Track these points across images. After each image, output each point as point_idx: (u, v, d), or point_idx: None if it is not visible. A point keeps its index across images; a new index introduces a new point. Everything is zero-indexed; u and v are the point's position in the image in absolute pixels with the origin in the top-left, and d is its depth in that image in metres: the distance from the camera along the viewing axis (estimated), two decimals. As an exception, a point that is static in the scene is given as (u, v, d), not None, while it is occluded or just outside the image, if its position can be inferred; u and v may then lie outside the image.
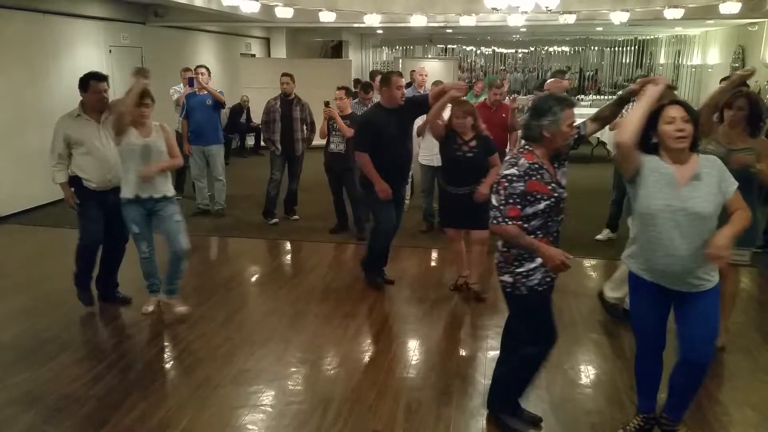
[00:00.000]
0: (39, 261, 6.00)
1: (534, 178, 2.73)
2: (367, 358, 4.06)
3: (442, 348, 4.26)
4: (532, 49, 21.36)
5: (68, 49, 8.46)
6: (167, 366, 3.96)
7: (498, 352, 3.35)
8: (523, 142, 2.90)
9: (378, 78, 7.61)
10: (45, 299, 4.92)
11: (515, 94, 6.90)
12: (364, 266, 5.30)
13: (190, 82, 7.30)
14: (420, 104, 4.95)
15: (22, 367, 3.83)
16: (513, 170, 2.73)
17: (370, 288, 5.16)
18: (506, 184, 2.72)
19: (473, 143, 4.68)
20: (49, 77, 8.07)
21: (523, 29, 14.73)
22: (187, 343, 4.21)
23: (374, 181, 4.83)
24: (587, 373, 3.84)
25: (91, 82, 4.47)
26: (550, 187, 2.77)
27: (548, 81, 6.07)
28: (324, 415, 3.32)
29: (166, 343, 4.27)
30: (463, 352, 4.17)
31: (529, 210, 2.75)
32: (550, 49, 21.35)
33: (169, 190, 4.47)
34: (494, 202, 2.76)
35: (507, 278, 2.91)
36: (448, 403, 3.47)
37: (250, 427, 3.25)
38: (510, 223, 2.71)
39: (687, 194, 2.64)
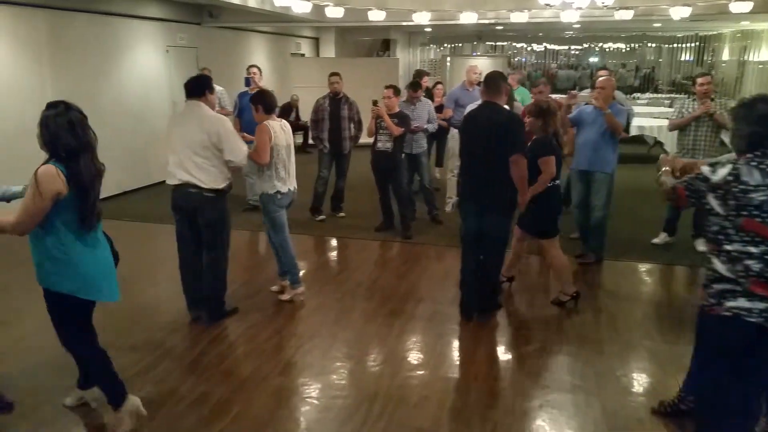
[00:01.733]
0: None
1: None
2: (411, 357, 4.08)
3: (488, 349, 4.24)
4: (586, 45, 20.92)
5: (128, 49, 8.77)
6: (218, 356, 4.08)
7: (546, 356, 3.30)
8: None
9: (426, 78, 7.62)
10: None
11: (574, 90, 6.59)
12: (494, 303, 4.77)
13: (246, 82, 7.47)
14: None
15: (83, 353, 4.01)
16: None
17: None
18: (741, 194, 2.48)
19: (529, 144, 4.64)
20: (110, 77, 8.39)
21: (577, 25, 14.45)
22: (238, 335, 4.33)
23: (525, 192, 4.35)
24: (640, 381, 3.76)
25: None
26: None
27: (601, 79, 5.92)
28: (369, 411, 3.36)
29: (217, 334, 4.39)
30: (509, 355, 4.14)
31: None
32: (605, 46, 20.85)
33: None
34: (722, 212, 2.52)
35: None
36: (494, 405, 3.46)
37: (297, 418, 3.33)
38: None
39: None
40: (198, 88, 4.34)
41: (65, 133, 2.95)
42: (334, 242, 6.76)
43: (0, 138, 6.77)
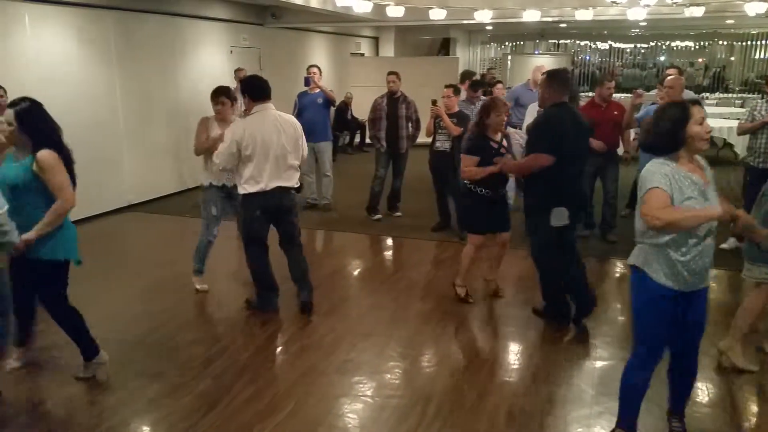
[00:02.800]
0: (162, 247, 6.47)
1: None
2: (467, 359, 4.03)
3: (546, 353, 4.14)
4: (652, 44, 20.20)
5: (193, 49, 9.04)
6: (275, 352, 4.15)
7: (608, 362, 3.21)
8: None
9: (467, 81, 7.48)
10: (165, 283, 5.31)
11: (640, 89, 6.32)
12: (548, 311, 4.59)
13: (306, 82, 7.57)
14: None
15: (145, 344, 4.16)
16: None
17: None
18: None
19: (505, 142, 4.63)
20: (177, 76, 8.66)
21: (644, 23, 13.96)
22: (294, 331, 4.38)
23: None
24: (706, 391, 3.59)
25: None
26: None
27: (669, 78, 5.70)
28: (424, 412, 3.34)
29: (274, 330, 4.46)
30: (569, 360, 4.04)
31: None
32: (672, 44, 20.09)
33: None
34: None
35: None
36: (552, 411, 3.38)
37: (351, 416, 3.34)
38: None
39: (711, 197, 2.65)
40: (267, 91, 4.47)
41: (50, 122, 3.36)
42: (389, 241, 6.76)
43: (73, 134, 7.08)
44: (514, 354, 4.15)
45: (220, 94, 4.85)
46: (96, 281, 5.16)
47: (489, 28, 16.65)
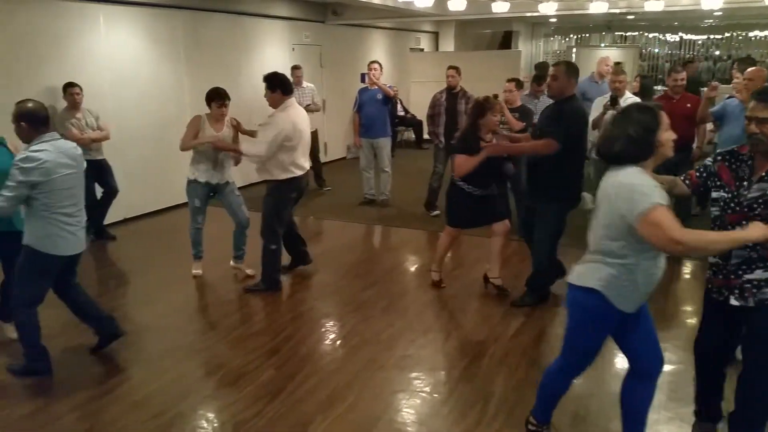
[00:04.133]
0: (226, 240, 6.62)
1: (725, 164, 2.66)
2: (528, 358, 3.95)
3: (613, 356, 4.01)
4: (727, 34, 19.25)
5: (257, 47, 9.23)
6: (336, 344, 4.19)
7: (676, 365, 3.08)
8: None
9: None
10: (230, 274, 5.45)
11: (716, 81, 5.99)
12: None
13: (362, 78, 7.61)
14: None
15: (209, 335, 4.29)
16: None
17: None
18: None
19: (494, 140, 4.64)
20: (241, 73, 8.86)
21: (719, 13, 13.31)
22: (353, 325, 4.41)
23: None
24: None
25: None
26: (735, 183, 2.60)
27: (750, 69, 5.39)
28: (483, 410, 3.30)
29: (334, 323, 4.51)
30: (634, 361, 3.90)
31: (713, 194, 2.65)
32: (750, 35, 19.09)
33: (230, 177, 5.25)
34: None
35: (759, 274, 2.59)
36: (618, 415, 3.26)
37: (410, 411, 3.33)
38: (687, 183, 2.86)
39: None
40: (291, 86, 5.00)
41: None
42: (449, 237, 6.70)
43: (144, 131, 7.38)
44: (577, 354, 4.04)
45: (225, 97, 5.20)
46: (163, 272, 5.36)
47: (553, 20, 16.28)
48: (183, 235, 6.89)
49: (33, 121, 3.43)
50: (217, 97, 5.08)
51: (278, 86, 4.82)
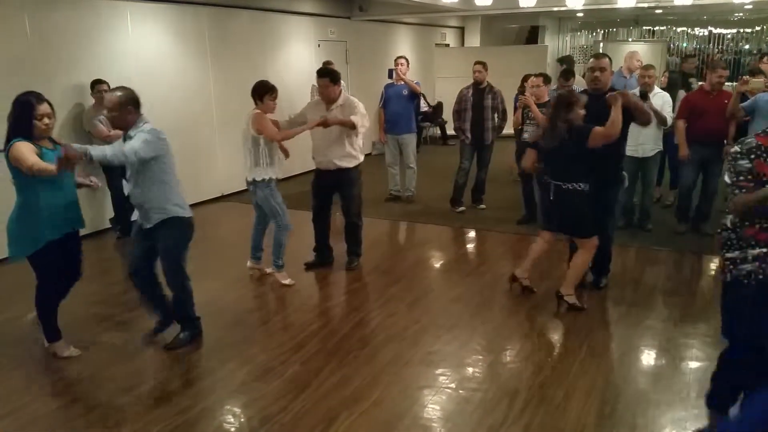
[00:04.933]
0: (242, 237, 6.67)
1: (761, 158, 2.57)
2: (555, 355, 3.94)
3: (640, 353, 3.98)
4: (758, 28, 18.82)
5: (283, 43, 9.28)
6: (361, 340, 4.20)
7: (705, 362, 3.04)
8: None
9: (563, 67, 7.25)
10: (250, 272, 5.47)
11: (746, 76, 5.89)
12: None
13: (389, 74, 7.59)
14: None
15: (238, 329, 4.33)
16: (737, 147, 2.65)
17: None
18: (732, 162, 2.63)
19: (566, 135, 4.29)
20: (267, 70, 8.91)
21: (749, 6, 13.01)
22: (379, 321, 4.43)
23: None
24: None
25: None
26: None
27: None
28: (510, 407, 3.29)
29: (360, 319, 4.53)
30: (663, 360, 3.86)
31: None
32: (781, 29, 18.65)
33: (258, 174, 4.95)
34: (728, 181, 2.70)
35: (719, 260, 2.88)
36: (645, 413, 3.24)
37: (435, 407, 3.34)
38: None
39: None
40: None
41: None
42: (473, 234, 6.69)
43: (170, 127, 7.44)
44: (604, 352, 4.01)
45: (276, 89, 5.07)
46: (191, 267, 5.41)
47: (580, 15, 16.07)
48: (211, 231, 6.99)
49: (137, 105, 3.73)
50: (270, 90, 4.99)
51: (333, 77, 5.08)
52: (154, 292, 4.05)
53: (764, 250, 2.61)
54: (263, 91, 4.95)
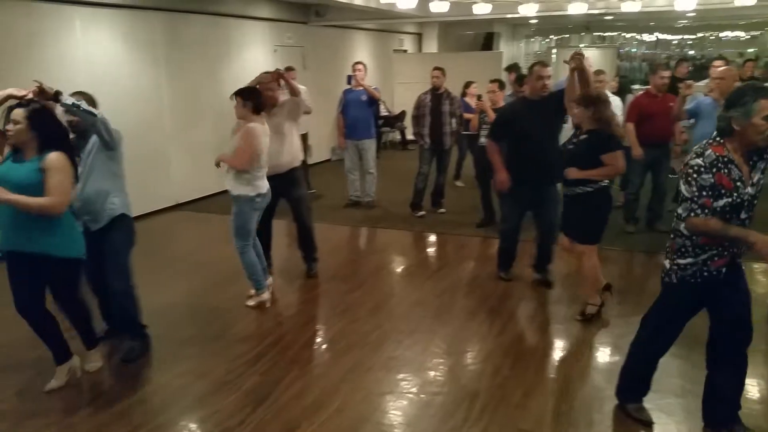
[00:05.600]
0: (210, 246, 6.59)
1: (722, 171, 2.59)
2: (513, 356, 3.98)
3: (594, 351, 4.07)
4: (701, 35, 19.58)
5: (238, 49, 9.18)
6: (322, 348, 4.18)
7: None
8: (714, 134, 2.70)
9: (514, 73, 7.43)
10: (214, 281, 5.41)
11: (691, 80, 6.13)
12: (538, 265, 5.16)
13: (348, 80, 7.59)
14: (560, 99, 4.67)
15: (194, 341, 4.24)
16: (698, 161, 2.62)
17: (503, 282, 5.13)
18: (694, 175, 2.62)
19: (585, 136, 4.18)
20: (222, 75, 8.81)
21: (692, 13, 13.52)
22: (339, 328, 4.41)
23: (496, 167, 4.86)
24: (755, 386, 3.49)
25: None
26: (736, 184, 2.60)
27: (720, 69, 5.49)
28: (470, 409, 3.32)
29: (320, 327, 4.51)
30: (618, 356, 3.94)
31: (713, 204, 2.61)
32: (721, 35, 19.44)
33: (233, 187, 4.57)
34: (686, 193, 2.66)
35: (666, 263, 2.91)
36: (600, 408, 3.32)
37: (397, 413, 3.34)
38: (708, 214, 2.61)
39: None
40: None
41: (59, 124, 3.43)
42: (433, 238, 6.74)
43: (123, 133, 7.28)
44: (560, 351, 4.10)
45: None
46: (145, 279, 5.27)
47: (533, 21, 16.40)
48: (165, 241, 6.86)
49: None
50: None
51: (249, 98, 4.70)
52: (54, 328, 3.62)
53: (713, 252, 2.72)
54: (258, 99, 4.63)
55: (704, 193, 2.59)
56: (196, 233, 7.20)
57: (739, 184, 2.60)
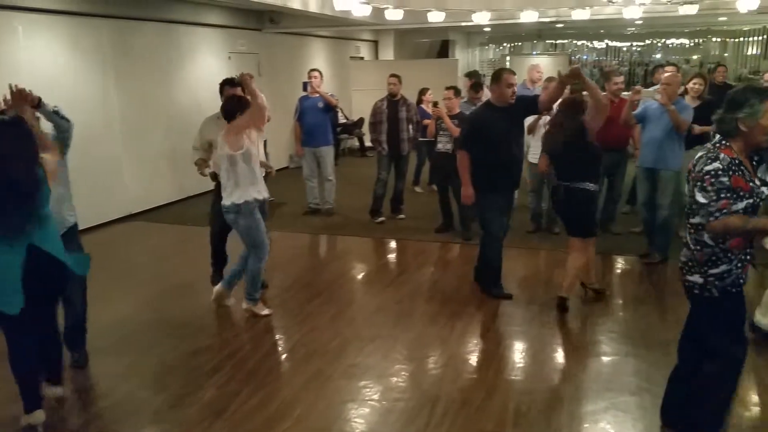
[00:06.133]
0: (164, 256, 6.46)
1: (737, 174, 2.56)
2: (473, 359, 4.03)
3: (552, 351, 4.14)
4: (648, 42, 20.27)
5: (191, 56, 9.04)
6: (282, 358, 4.13)
7: (611, 357, 3.21)
8: (718, 137, 2.66)
9: (472, 80, 7.55)
10: (168, 292, 5.29)
11: (638, 86, 6.33)
12: (478, 276, 5.14)
13: (304, 86, 7.56)
14: (529, 105, 4.81)
15: (149, 356, 4.13)
16: (716, 164, 2.56)
17: (484, 295, 5.00)
18: (712, 179, 2.55)
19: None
20: (174, 83, 8.66)
21: (639, 21, 13.97)
22: (300, 336, 4.36)
23: (463, 181, 4.78)
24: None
25: (225, 87, 4.83)
26: (751, 185, 2.59)
27: (666, 75, 5.66)
28: (431, 414, 3.33)
29: (280, 336, 4.45)
30: (574, 357, 4.03)
31: (733, 207, 2.56)
32: (668, 42, 20.17)
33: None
34: (703, 200, 2.59)
35: (696, 279, 2.72)
36: (559, 408, 3.37)
37: (359, 421, 3.32)
38: (727, 215, 2.54)
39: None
40: None
41: None
42: (393, 244, 6.75)
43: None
44: (520, 352, 4.15)
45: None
46: (97, 293, 5.13)
47: (487, 29, 16.67)
48: (118, 252, 6.67)
49: None
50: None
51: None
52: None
53: (741, 256, 2.66)
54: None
55: (722, 195, 2.53)
56: (150, 244, 7.03)
57: (751, 185, 2.59)
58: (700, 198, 2.60)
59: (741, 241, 2.62)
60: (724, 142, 2.62)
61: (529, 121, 5.68)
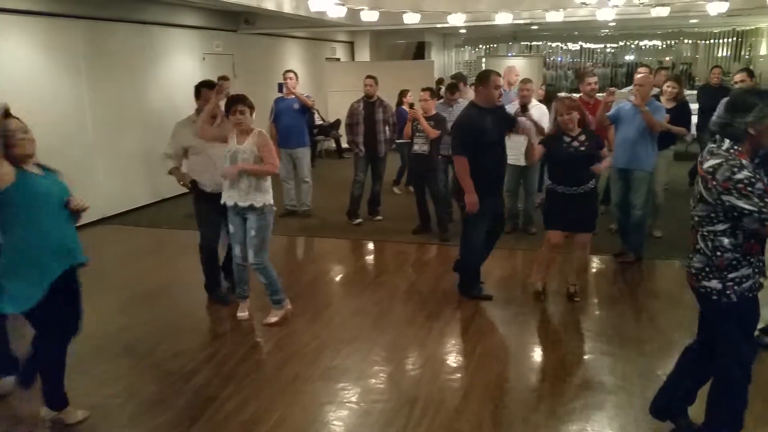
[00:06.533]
0: (139, 259, 6.37)
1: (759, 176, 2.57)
2: (451, 360, 4.04)
3: (529, 351, 4.18)
4: (622, 43, 20.58)
5: (165, 57, 8.93)
6: (258, 362, 4.09)
7: (587, 355, 3.23)
8: (727, 142, 2.62)
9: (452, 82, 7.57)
10: (143, 296, 5.22)
11: (613, 87, 6.42)
12: (460, 281, 5.08)
13: (279, 87, 7.51)
14: (511, 121, 4.90)
15: (123, 360, 4.07)
16: (745, 172, 2.52)
17: (463, 296, 5.00)
18: (749, 187, 2.50)
19: (583, 137, 4.59)
20: (148, 84, 8.55)
21: (613, 23, 14.19)
22: (277, 340, 4.33)
23: (466, 189, 4.55)
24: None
25: (202, 90, 4.73)
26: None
27: (639, 76, 5.75)
28: (410, 415, 3.33)
29: (257, 340, 4.41)
30: (551, 356, 4.07)
31: None
32: (641, 44, 20.51)
33: (256, 200, 4.31)
34: (749, 207, 2.50)
35: (715, 284, 2.71)
36: (536, 408, 3.40)
37: (337, 423, 3.31)
38: None
39: None
40: None
41: None
42: (371, 246, 6.74)
43: (41, 147, 6.93)
44: (497, 353, 4.17)
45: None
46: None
47: (463, 31, 16.77)
48: (91, 256, 6.49)
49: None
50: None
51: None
52: None
53: (756, 261, 2.67)
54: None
55: (766, 199, 2.49)
56: (123, 247, 6.93)
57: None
58: (746, 205, 2.51)
59: (752, 244, 2.64)
60: (737, 147, 2.59)
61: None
